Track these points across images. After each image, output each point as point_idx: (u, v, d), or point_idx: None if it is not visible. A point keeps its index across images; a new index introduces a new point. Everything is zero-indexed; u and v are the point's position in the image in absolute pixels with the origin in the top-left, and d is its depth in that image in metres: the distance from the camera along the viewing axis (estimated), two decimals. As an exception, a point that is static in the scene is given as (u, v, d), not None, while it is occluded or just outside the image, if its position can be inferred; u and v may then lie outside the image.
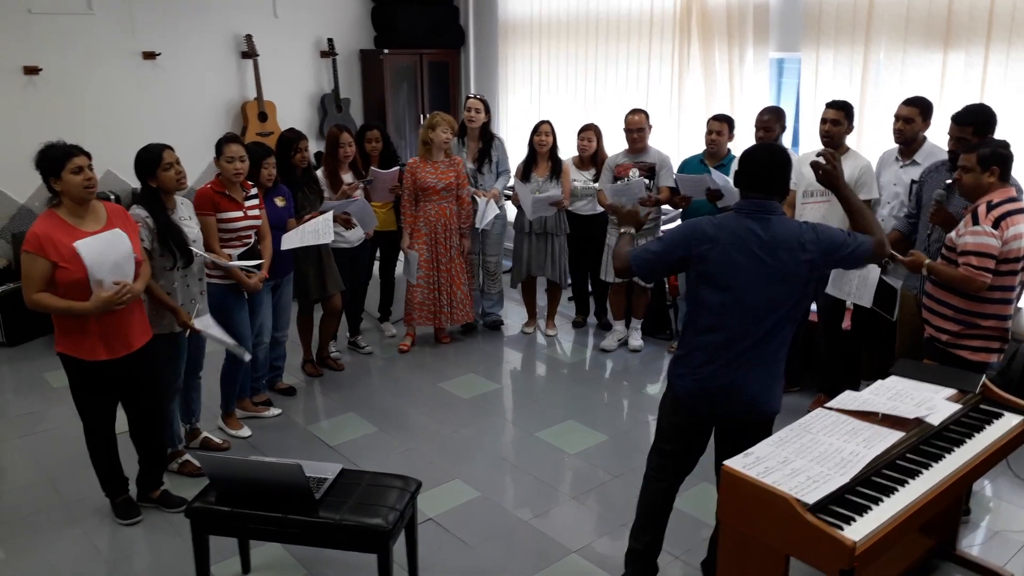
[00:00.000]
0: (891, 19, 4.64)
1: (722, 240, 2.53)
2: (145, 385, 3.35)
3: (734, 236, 2.53)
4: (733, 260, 2.52)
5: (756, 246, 2.51)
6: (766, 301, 2.53)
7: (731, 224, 2.56)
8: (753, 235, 2.52)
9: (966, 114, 3.50)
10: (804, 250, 2.51)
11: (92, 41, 5.93)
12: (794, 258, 2.51)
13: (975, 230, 3.07)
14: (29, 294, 3.01)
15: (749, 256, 2.52)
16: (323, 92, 7.19)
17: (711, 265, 2.55)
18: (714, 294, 2.57)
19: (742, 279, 2.52)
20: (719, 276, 2.55)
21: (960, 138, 3.46)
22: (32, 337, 5.50)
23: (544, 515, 3.51)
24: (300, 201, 4.50)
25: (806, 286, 2.57)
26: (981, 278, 3.05)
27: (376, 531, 2.62)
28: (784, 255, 2.51)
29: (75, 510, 3.54)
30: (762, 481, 2.28)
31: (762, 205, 2.56)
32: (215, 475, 2.76)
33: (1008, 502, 3.57)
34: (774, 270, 2.51)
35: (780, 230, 2.53)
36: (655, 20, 5.90)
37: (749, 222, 2.54)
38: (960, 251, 3.11)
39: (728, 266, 2.53)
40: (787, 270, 2.51)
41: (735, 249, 2.52)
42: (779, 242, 2.51)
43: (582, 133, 5.31)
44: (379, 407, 4.56)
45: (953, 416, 2.75)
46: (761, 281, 2.52)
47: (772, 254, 2.51)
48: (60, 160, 3.00)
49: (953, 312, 3.20)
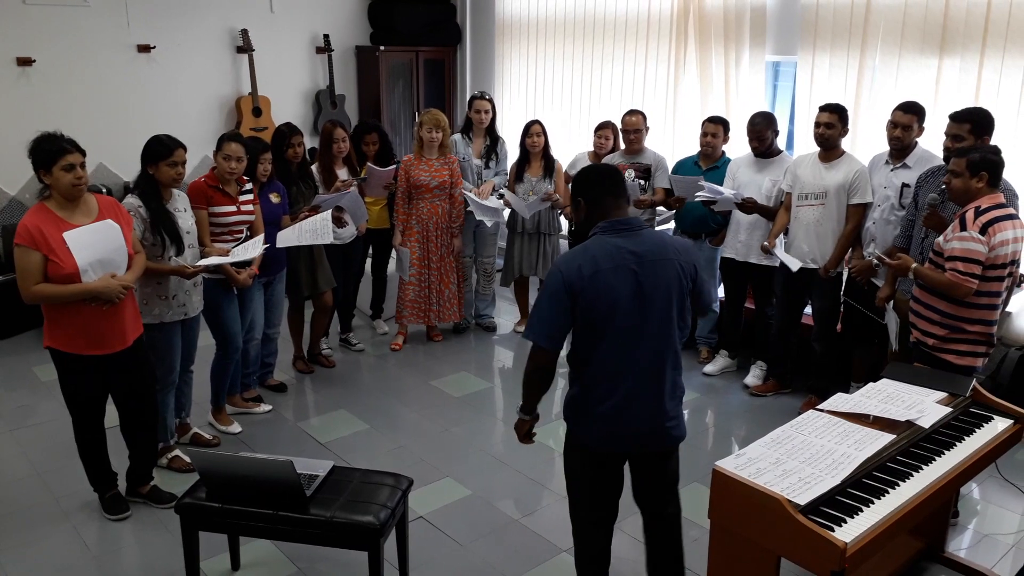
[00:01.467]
0: (887, 24, 4.66)
1: (601, 267, 2.34)
2: (137, 379, 3.33)
3: (609, 259, 2.35)
4: (613, 285, 2.34)
5: (633, 263, 2.36)
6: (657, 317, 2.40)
7: (602, 248, 2.38)
8: (627, 252, 2.37)
9: (964, 112, 3.52)
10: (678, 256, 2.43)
11: (86, 33, 5.89)
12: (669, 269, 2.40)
13: (962, 236, 3.08)
14: (28, 287, 2.98)
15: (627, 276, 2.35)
16: (318, 88, 7.16)
17: (594, 297, 2.34)
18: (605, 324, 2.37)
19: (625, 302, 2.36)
20: (604, 306, 2.35)
21: (956, 135, 3.47)
22: (20, 331, 5.46)
23: (534, 514, 3.51)
24: (295, 196, 4.49)
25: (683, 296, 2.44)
26: (967, 284, 3.06)
27: (367, 529, 2.62)
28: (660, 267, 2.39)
29: (63, 505, 3.51)
30: (754, 482, 2.28)
31: (627, 222, 2.42)
32: (205, 471, 2.74)
33: (996, 505, 3.59)
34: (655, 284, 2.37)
35: (651, 240, 2.41)
36: (652, 21, 5.91)
37: (618, 240, 2.38)
38: (947, 256, 3.12)
39: (610, 292, 2.34)
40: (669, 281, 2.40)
41: (613, 274, 2.34)
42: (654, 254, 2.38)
43: (599, 131, 5.33)
44: (370, 405, 4.55)
45: (943, 419, 2.77)
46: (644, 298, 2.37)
47: (651, 269, 2.37)
48: (52, 155, 2.98)
49: (939, 316, 3.22)
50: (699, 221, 4.87)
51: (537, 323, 2.41)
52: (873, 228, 4.09)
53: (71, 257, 2.97)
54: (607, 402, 2.42)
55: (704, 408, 4.62)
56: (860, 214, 4.13)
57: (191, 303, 3.61)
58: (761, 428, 3.40)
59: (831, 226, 4.19)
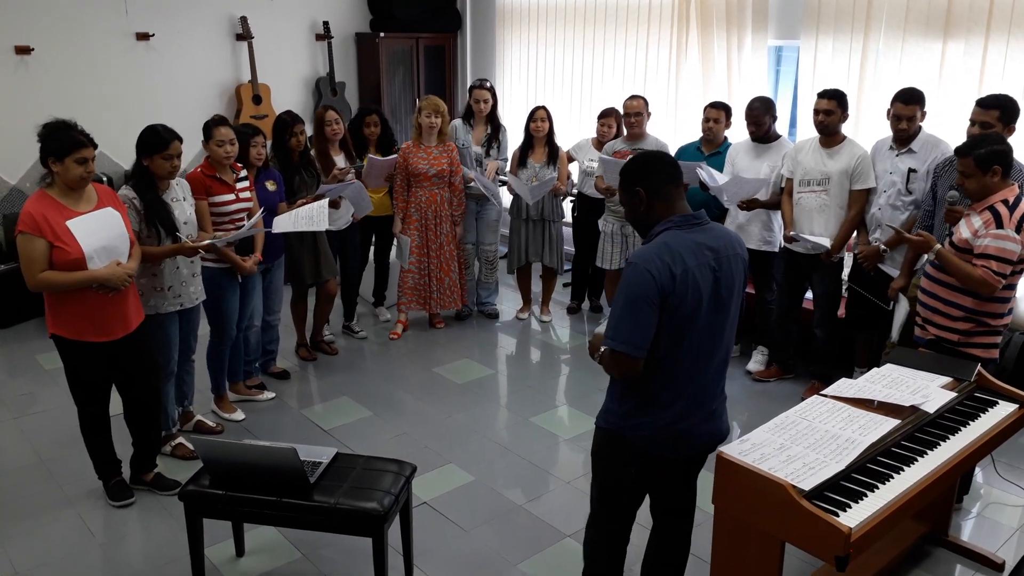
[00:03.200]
0: (891, 8, 4.62)
1: (688, 265, 2.18)
2: (140, 367, 3.33)
3: (693, 256, 2.20)
4: (699, 283, 2.19)
5: (712, 260, 2.23)
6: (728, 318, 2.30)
7: (684, 244, 2.22)
8: (705, 248, 2.23)
9: (992, 99, 3.43)
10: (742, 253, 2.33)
11: (85, 21, 5.86)
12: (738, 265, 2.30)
13: (999, 234, 2.99)
14: (33, 275, 2.97)
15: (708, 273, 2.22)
16: (318, 75, 7.13)
17: (682, 297, 2.18)
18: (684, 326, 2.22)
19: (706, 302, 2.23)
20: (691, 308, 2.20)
21: (984, 122, 3.40)
22: (24, 319, 5.46)
23: (538, 499, 3.51)
24: (297, 184, 4.47)
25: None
26: (998, 283, 3.00)
27: (371, 515, 2.62)
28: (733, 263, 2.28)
29: (68, 492, 3.52)
30: (758, 468, 2.28)
31: (697, 216, 2.29)
32: (209, 458, 2.75)
33: (999, 489, 3.59)
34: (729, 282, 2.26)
35: (721, 235, 2.30)
36: (653, 6, 5.86)
37: (695, 235, 2.24)
38: (980, 253, 3.02)
39: (697, 291, 2.19)
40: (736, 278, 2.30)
41: (698, 272, 2.20)
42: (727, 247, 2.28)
43: (602, 119, 5.31)
44: (373, 391, 4.56)
45: (948, 404, 2.76)
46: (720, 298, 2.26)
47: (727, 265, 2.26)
48: (68, 146, 2.97)
49: (964, 312, 3.13)
50: (701, 206, 4.81)
51: (624, 329, 2.16)
52: (879, 214, 4.07)
53: (77, 243, 2.97)
54: (675, 405, 2.27)
55: (707, 394, 4.61)
56: (863, 199, 4.11)
57: (187, 293, 3.60)
58: (764, 414, 3.40)
59: (834, 212, 4.17)
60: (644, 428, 2.30)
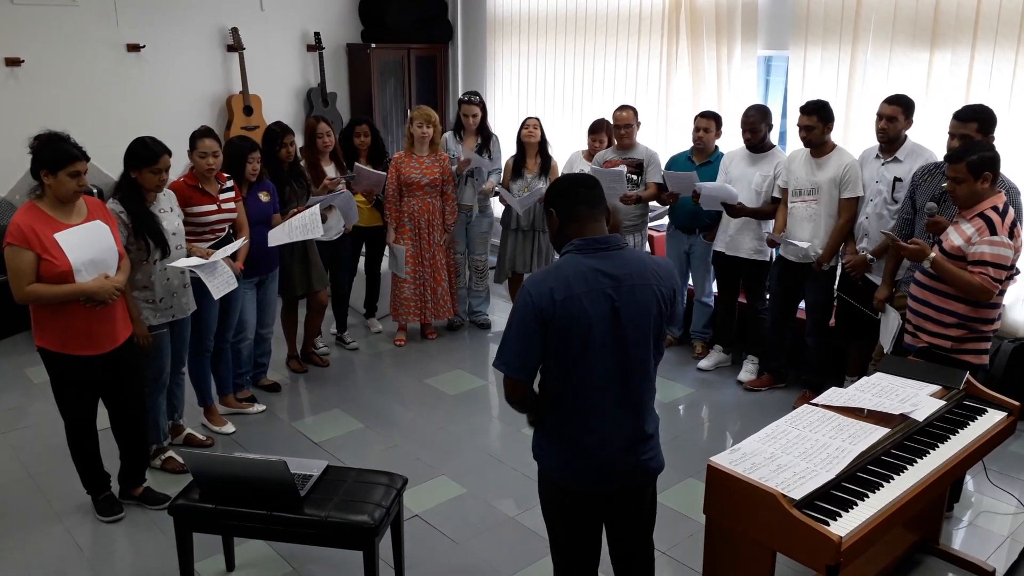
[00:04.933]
0: (878, 18, 4.66)
1: (575, 292, 2.13)
2: (127, 380, 3.31)
3: (583, 282, 2.14)
4: (587, 310, 2.13)
5: (609, 288, 2.15)
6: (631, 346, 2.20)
7: (575, 269, 2.16)
8: (602, 275, 2.15)
9: (969, 111, 3.45)
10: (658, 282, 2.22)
11: (75, 33, 5.85)
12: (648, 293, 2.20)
13: (994, 240, 2.99)
14: (21, 287, 2.95)
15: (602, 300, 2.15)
16: (309, 86, 7.13)
17: (566, 324, 2.12)
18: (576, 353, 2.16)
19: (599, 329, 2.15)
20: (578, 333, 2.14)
21: (964, 135, 3.42)
22: (11, 332, 5.42)
23: (530, 511, 3.50)
24: (287, 195, 4.47)
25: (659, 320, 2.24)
26: (996, 288, 3.01)
27: (362, 528, 2.61)
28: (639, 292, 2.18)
29: (56, 507, 3.50)
30: (749, 477, 2.28)
31: (604, 240, 2.20)
32: (199, 472, 2.73)
33: (990, 497, 3.60)
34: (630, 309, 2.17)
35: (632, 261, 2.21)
36: (644, 17, 5.90)
37: (593, 261, 2.17)
38: (975, 260, 3.02)
39: (583, 318, 2.13)
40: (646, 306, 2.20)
41: (587, 298, 2.13)
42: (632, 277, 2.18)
43: (593, 134, 5.31)
44: (364, 403, 4.54)
45: (937, 412, 2.77)
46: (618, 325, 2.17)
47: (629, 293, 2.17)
48: (62, 160, 2.96)
49: (957, 319, 3.14)
50: (693, 215, 4.87)
51: (507, 351, 2.17)
52: (866, 223, 4.09)
53: (64, 255, 2.96)
54: (582, 436, 2.21)
55: (698, 403, 4.62)
56: (852, 208, 4.13)
57: (179, 305, 3.59)
58: (755, 423, 3.39)
59: (824, 221, 4.19)
60: (556, 459, 2.27)
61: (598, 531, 2.39)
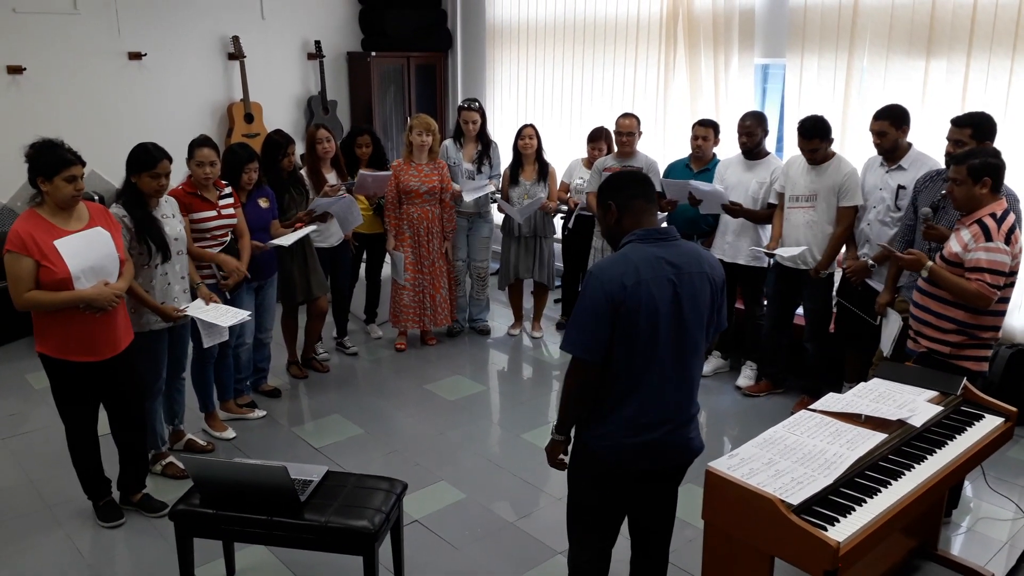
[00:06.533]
0: (875, 26, 4.69)
1: (643, 277, 2.24)
2: (127, 386, 3.33)
3: (650, 269, 2.25)
4: (654, 296, 2.24)
5: (672, 275, 2.27)
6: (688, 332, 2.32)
7: (642, 257, 2.28)
8: (665, 262, 2.27)
9: (965, 117, 3.49)
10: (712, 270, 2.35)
11: (77, 41, 5.89)
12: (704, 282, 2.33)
13: (990, 247, 3.00)
14: (20, 294, 2.97)
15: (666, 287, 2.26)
16: (310, 94, 7.17)
17: (635, 308, 2.23)
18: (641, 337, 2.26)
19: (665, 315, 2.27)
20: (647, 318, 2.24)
21: (958, 140, 3.45)
22: (13, 338, 5.44)
23: (530, 516, 3.51)
24: (287, 202, 4.49)
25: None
26: (993, 295, 3.02)
27: (362, 533, 2.62)
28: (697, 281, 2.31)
29: (57, 513, 3.50)
30: (747, 482, 2.29)
31: (663, 231, 2.34)
32: (199, 477, 2.74)
33: (989, 502, 3.61)
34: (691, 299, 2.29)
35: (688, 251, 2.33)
36: (642, 25, 5.93)
37: (656, 249, 2.29)
38: (972, 267, 3.03)
39: (651, 303, 2.24)
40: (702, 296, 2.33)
41: (654, 284, 2.24)
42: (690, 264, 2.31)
43: (592, 142, 5.34)
44: (364, 409, 4.55)
45: (935, 418, 2.78)
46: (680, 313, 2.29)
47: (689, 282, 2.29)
48: (56, 165, 2.97)
49: (956, 326, 3.15)
50: (691, 222, 4.89)
51: (576, 335, 2.27)
52: (868, 229, 4.11)
53: (63, 262, 2.97)
54: (641, 415, 2.31)
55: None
56: (850, 216, 4.15)
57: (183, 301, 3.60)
58: (754, 428, 3.41)
59: (822, 228, 4.21)
60: (608, 438, 2.34)
61: (624, 514, 2.51)
